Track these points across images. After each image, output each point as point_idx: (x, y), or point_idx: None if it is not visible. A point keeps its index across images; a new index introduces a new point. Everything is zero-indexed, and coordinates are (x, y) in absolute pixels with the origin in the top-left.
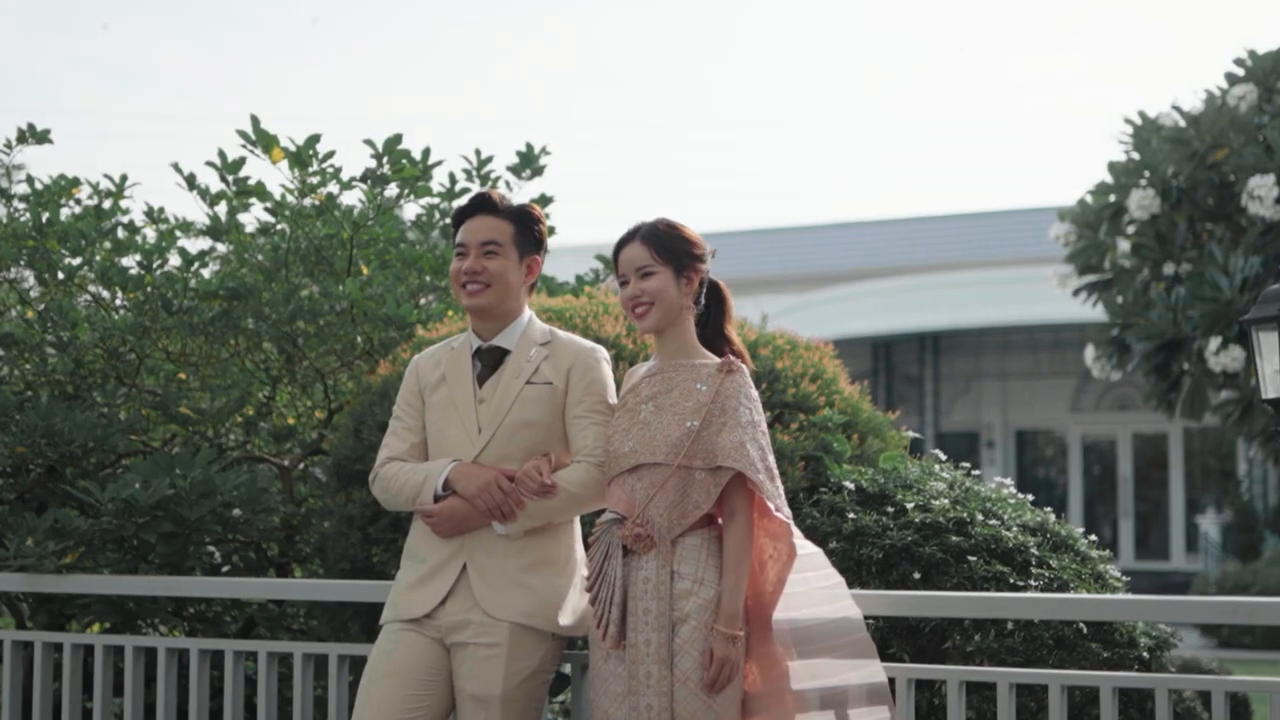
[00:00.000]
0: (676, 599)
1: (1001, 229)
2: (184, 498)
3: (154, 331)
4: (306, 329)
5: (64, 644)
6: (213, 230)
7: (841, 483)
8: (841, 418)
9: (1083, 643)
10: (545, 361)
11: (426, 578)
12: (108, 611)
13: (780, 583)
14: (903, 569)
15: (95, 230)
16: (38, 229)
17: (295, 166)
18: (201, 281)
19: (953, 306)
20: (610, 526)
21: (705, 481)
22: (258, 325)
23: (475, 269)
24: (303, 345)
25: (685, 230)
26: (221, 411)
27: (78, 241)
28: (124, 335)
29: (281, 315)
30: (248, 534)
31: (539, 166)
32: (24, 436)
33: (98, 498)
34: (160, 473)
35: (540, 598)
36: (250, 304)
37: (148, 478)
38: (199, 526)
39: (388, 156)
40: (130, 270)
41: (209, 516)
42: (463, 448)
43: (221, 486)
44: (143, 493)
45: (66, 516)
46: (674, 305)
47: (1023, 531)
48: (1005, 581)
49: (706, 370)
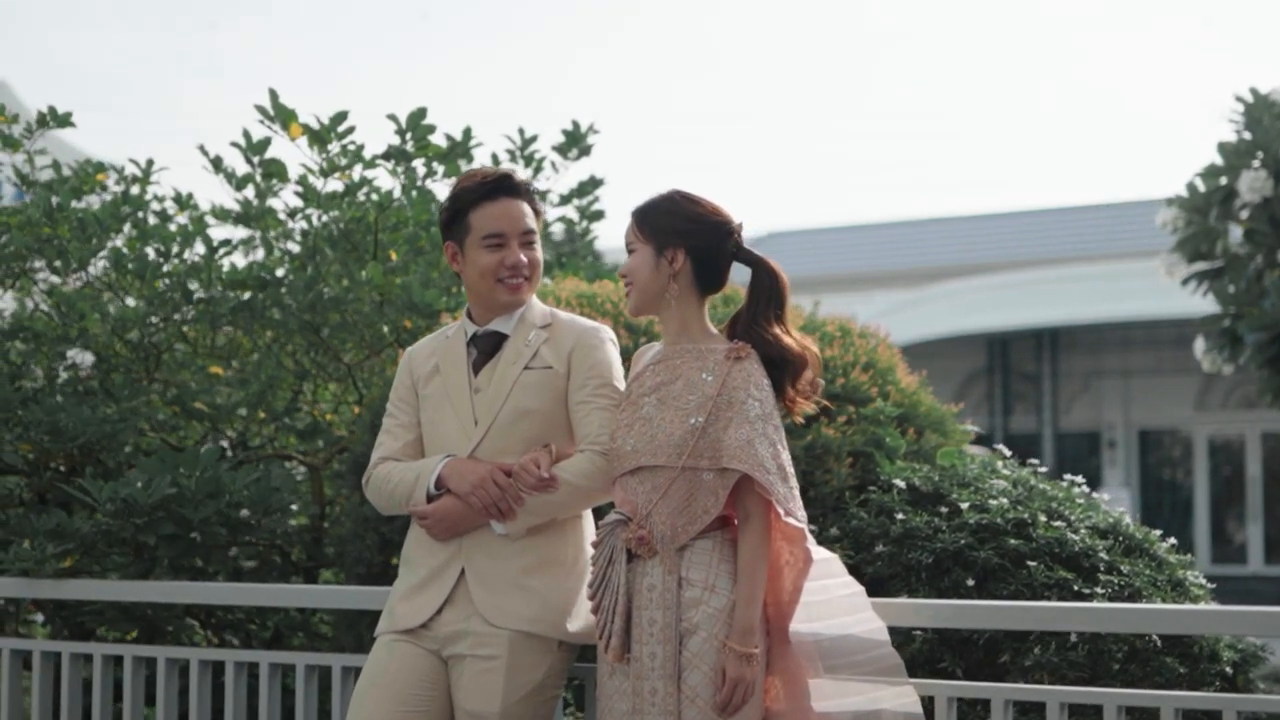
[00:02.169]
0: (685, 608)
1: (1122, 220)
2: (187, 497)
3: (172, 323)
4: (331, 318)
5: (94, 655)
6: (243, 216)
7: (892, 481)
8: (895, 410)
9: (1157, 657)
10: (545, 345)
11: (422, 585)
12: (123, 619)
13: (796, 590)
14: (955, 575)
15: (112, 216)
16: (47, 214)
17: (314, 144)
18: (230, 271)
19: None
20: (615, 528)
21: (713, 483)
22: (284, 316)
23: (520, 262)
24: (328, 336)
25: (683, 202)
26: (239, 406)
27: (93, 228)
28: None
29: (301, 303)
30: (258, 536)
31: (586, 146)
32: (27, 433)
33: (95, 497)
34: (165, 471)
35: (545, 602)
36: (271, 292)
37: (152, 476)
38: (203, 529)
39: (411, 132)
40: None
41: (214, 518)
42: (458, 442)
43: (230, 486)
44: (142, 492)
45: (66, 518)
46: (650, 286)
47: (1091, 534)
48: (1068, 589)
49: (714, 357)
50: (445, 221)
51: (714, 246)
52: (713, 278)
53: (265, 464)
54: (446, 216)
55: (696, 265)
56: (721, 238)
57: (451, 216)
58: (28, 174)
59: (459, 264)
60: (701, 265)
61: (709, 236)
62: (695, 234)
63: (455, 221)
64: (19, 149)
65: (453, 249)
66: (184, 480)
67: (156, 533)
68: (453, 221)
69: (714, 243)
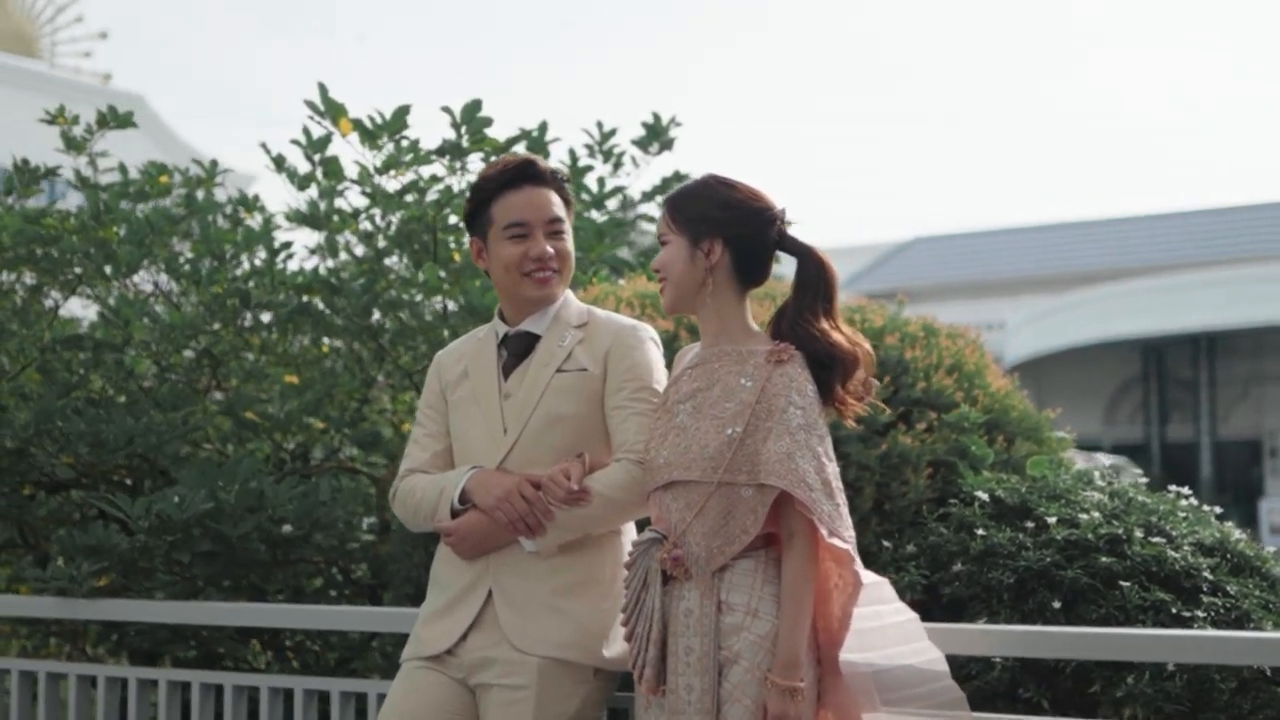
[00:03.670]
0: (724, 635)
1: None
2: (226, 512)
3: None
4: (389, 323)
5: (159, 681)
6: (310, 218)
7: (974, 493)
8: (982, 416)
9: (1269, 689)
10: (580, 346)
11: (448, 607)
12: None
13: (847, 616)
14: (1040, 596)
15: (165, 220)
16: (94, 216)
17: (365, 141)
18: (291, 276)
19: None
20: (649, 547)
21: (752, 500)
22: (346, 321)
23: (547, 253)
24: (388, 342)
25: (719, 188)
26: (291, 415)
27: (144, 232)
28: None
29: (355, 306)
30: (305, 554)
31: (668, 139)
32: (68, 446)
33: (128, 512)
34: (203, 484)
35: (578, 625)
36: (325, 296)
37: (191, 489)
38: (242, 545)
39: (466, 125)
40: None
41: (254, 534)
42: (486, 451)
43: (273, 500)
44: (176, 507)
45: (105, 534)
46: (686, 281)
47: (1196, 551)
48: (1166, 612)
49: (754, 360)
50: (468, 215)
51: (754, 235)
52: (754, 270)
53: (318, 478)
54: (469, 209)
55: (735, 257)
56: (762, 225)
57: (474, 209)
58: (89, 177)
59: (484, 260)
60: (741, 256)
61: (748, 224)
62: (733, 222)
63: (478, 214)
64: (83, 150)
65: (477, 244)
66: (222, 494)
67: (192, 550)
68: (475, 214)
69: (754, 231)
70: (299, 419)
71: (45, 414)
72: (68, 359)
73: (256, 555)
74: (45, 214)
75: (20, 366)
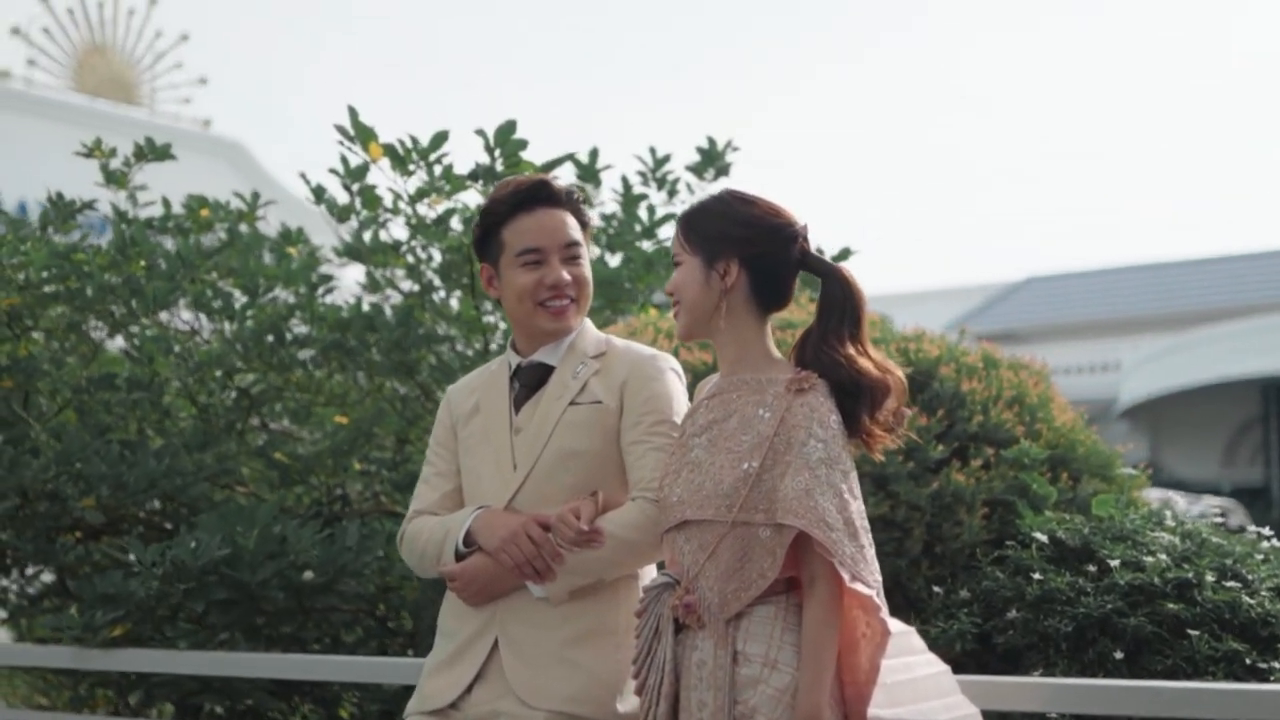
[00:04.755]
0: (740, 688)
1: None
2: (244, 559)
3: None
4: (424, 358)
5: None
6: (355, 250)
7: (1032, 534)
8: (1044, 452)
9: None
10: (595, 377)
11: (452, 658)
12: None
13: (874, 669)
14: (1101, 646)
15: (197, 254)
16: (120, 250)
17: (396, 166)
18: (331, 310)
19: None
20: (660, 593)
21: (769, 542)
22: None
23: (563, 280)
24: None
25: (736, 204)
26: (320, 457)
27: (175, 267)
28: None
29: (388, 340)
30: (331, 602)
31: (724, 165)
32: (89, 488)
33: (141, 558)
34: (220, 529)
35: (590, 677)
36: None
37: (209, 534)
38: (260, 593)
39: (501, 148)
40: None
41: (273, 580)
42: (495, 489)
43: (295, 545)
44: (191, 553)
45: (122, 582)
46: (700, 304)
47: (1275, 597)
48: (1240, 663)
49: (774, 389)
50: (477, 240)
51: (773, 255)
52: (773, 292)
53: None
54: (479, 234)
55: (753, 278)
56: (783, 244)
57: (484, 234)
58: (126, 211)
59: (495, 288)
60: (759, 278)
61: (767, 243)
62: (751, 241)
63: (487, 239)
64: (124, 185)
65: (488, 271)
66: (241, 539)
67: (207, 598)
68: (485, 239)
69: (773, 250)
70: (327, 461)
71: (65, 456)
72: (105, 399)
73: (277, 603)
74: (76, 249)
75: (58, 408)
